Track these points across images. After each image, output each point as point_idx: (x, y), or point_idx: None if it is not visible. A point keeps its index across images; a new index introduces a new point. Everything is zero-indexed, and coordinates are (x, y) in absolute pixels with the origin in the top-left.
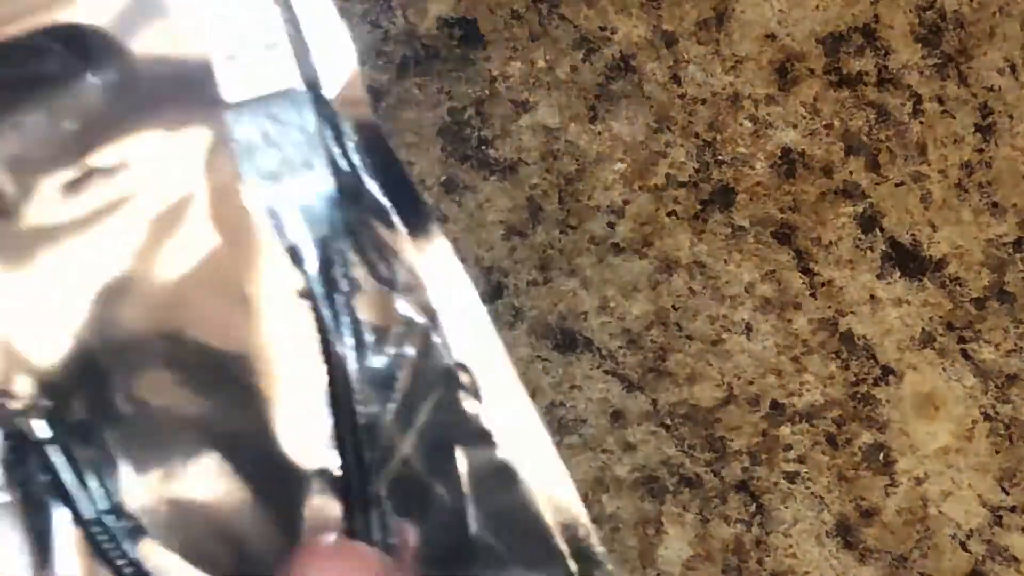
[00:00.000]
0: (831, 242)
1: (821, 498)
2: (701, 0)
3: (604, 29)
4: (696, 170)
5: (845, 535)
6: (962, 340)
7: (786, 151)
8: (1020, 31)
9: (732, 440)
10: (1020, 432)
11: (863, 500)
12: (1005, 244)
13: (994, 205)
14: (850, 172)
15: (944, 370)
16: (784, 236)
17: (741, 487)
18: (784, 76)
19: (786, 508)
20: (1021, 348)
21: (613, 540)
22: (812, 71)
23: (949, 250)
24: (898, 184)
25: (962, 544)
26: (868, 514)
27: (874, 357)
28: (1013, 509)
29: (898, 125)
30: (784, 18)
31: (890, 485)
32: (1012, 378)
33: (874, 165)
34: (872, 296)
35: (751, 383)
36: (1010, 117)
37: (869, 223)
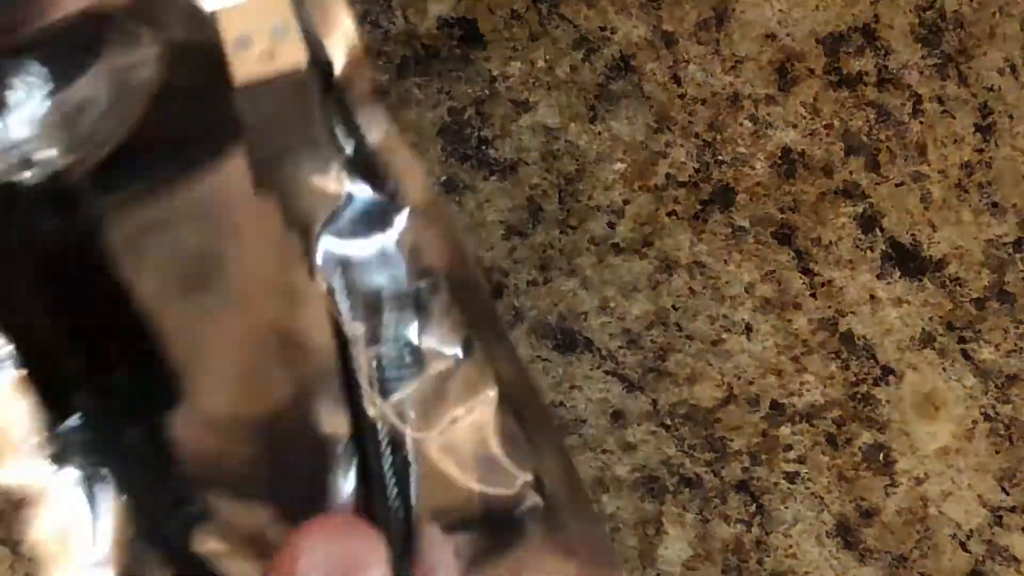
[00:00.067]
0: (831, 242)
1: (821, 498)
2: (701, 0)
3: (604, 29)
4: (696, 170)
5: (845, 535)
6: (962, 340)
7: (786, 151)
8: (1020, 31)
9: (732, 440)
10: (1020, 432)
11: (863, 500)
12: (1005, 244)
13: (994, 205)
14: (850, 172)
15: (944, 370)
16: (784, 236)
17: (741, 487)
18: (784, 76)
19: (786, 508)
20: (1021, 348)
21: (613, 540)
22: (812, 71)
23: (949, 250)
24: (898, 184)
25: (962, 544)
26: (868, 514)
27: (874, 357)
28: (1013, 509)
29: (898, 125)
30: (784, 18)
31: (890, 485)
32: (1012, 378)
33: (874, 165)
34: (872, 296)
35: (751, 383)
36: (1010, 117)
37: (869, 223)
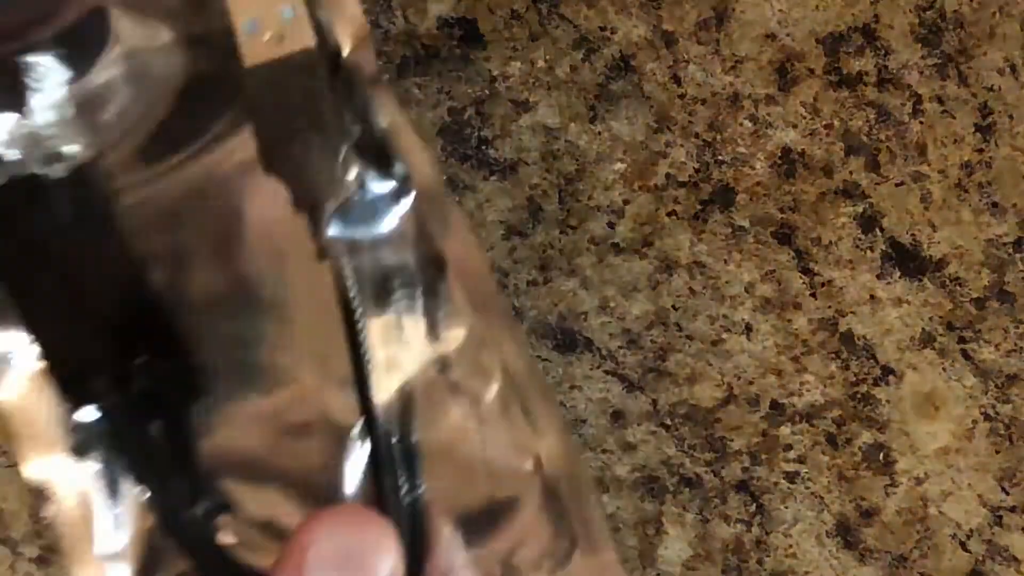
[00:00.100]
0: (831, 242)
1: (821, 498)
2: (701, 0)
3: (604, 29)
4: (696, 170)
5: (845, 535)
6: (962, 340)
7: (786, 151)
8: (1020, 31)
9: (732, 440)
10: (1020, 432)
11: (863, 500)
12: (1005, 244)
13: (994, 205)
14: (850, 172)
15: (944, 370)
16: (784, 236)
17: (741, 487)
18: (784, 76)
19: (786, 508)
20: (1021, 348)
21: (613, 540)
22: (812, 71)
23: (949, 250)
24: (898, 184)
25: (962, 544)
26: (868, 514)
27: (874, 357)
28: (1013, 509)
29: (898, 125)
30: (784, 18)
31: (890, 485)
32: (1012, 378)
33: (874, 165)
34: (872, 296)
35: (751, 383)
36: (1010, 117)
37: (869, 223)
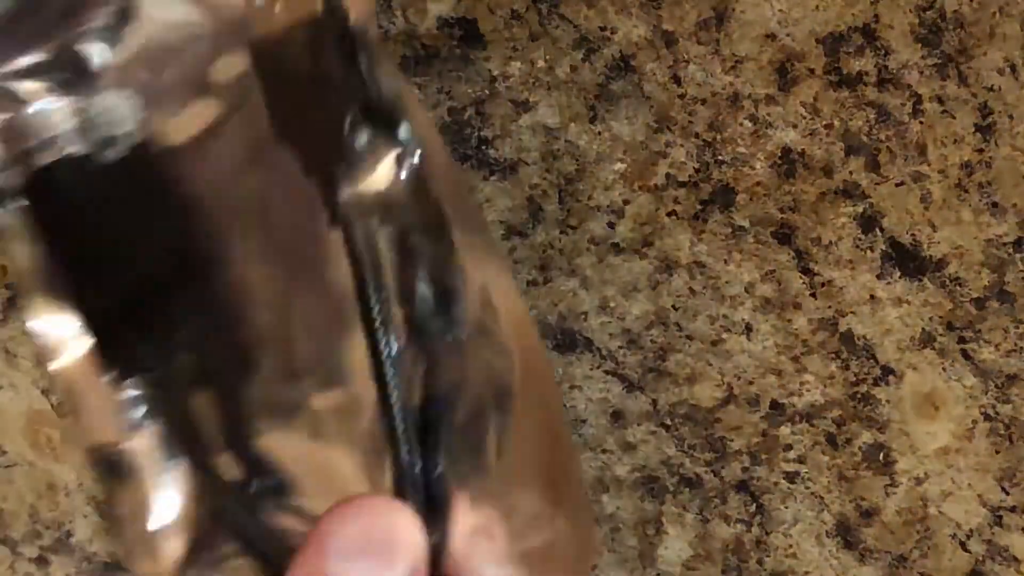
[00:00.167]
0: (831, 242)
1: (821, 498)
2: (701, 0)
3: (604, 29)
4: (696, 170)
5: (845, 535)
6: (962, 340)
7: (786, 151)
8: (1020, 31)
9: (732, 440)
10: (1020, 432)
11: (863, 500)
12: (1005, 244)
13: (994, 205)
14: (850, 172)
15: (944, 370)
16: (784, 236)
17: (741, 487)
18: (784, 76)
19: (786, 508)
20: (1021, 348)
21: (613, 540)
22: (812, 71)
23: (949, 250)
24: (898, 184)
25: (962, 544)
26: (868, 514)
27: (874, 357)
28: (1013, 509)
29: (898, 125)
30: (784, 18)
31: (890, 485)
32: (1012, 378)
33: (874, 165)
34: (872, 296)
35: (751, 383)
36: (1010, 117)
37: (869, 223)
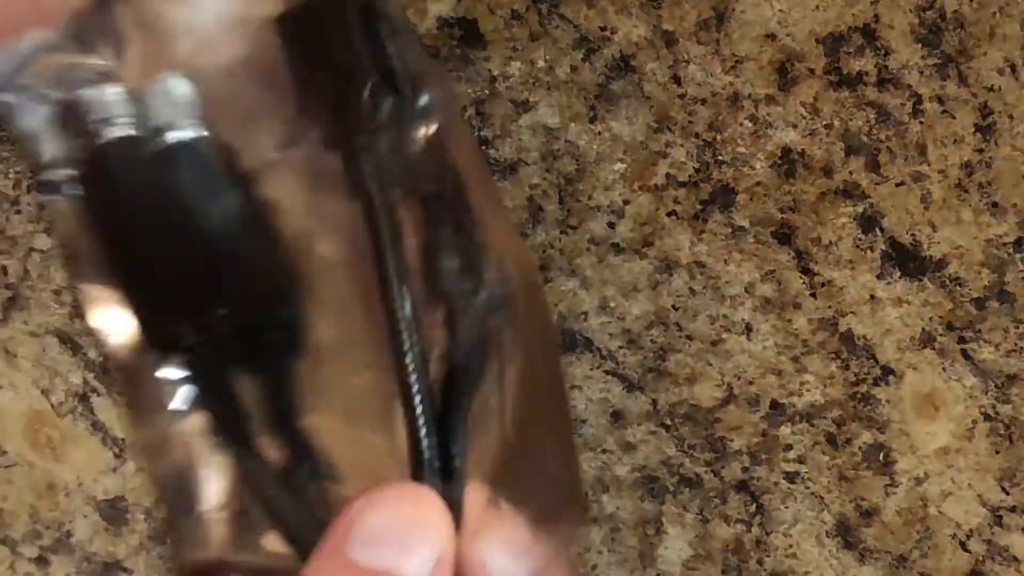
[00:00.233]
0: (831, 242)
1: (821, 498)
2: (701, 0)
3: (604, 29)
4: (696, 170)
5: (845, 535)
6: (962, 340)
7: (786, 151)
8: (1020, 31)
9: (732, 440)
10: (1020, 432)
11: (863, 500)
12: (1005, 244)
13: (994, 205)
14: (850, 172)
15: (944, 370)
16: (784, 236)
17: (741, 487)
18: (784, 76)
19: (786, 508)
20: (1021, 348)
21: (613, 540)
22: (812, 71)
23: (949, 250)
24: (898, 184)
25: (962, 544)
26: (868, 514)
27: (874, 357)
28: (1013, 509)
29: (898, 125)
30: (784, 18)
31: (890, 485)
32: (1012, 378)
33: (874, 165)
34: (872, 296)
35: (751, 383)
36: (1010, 117)
37: (869, 223)
